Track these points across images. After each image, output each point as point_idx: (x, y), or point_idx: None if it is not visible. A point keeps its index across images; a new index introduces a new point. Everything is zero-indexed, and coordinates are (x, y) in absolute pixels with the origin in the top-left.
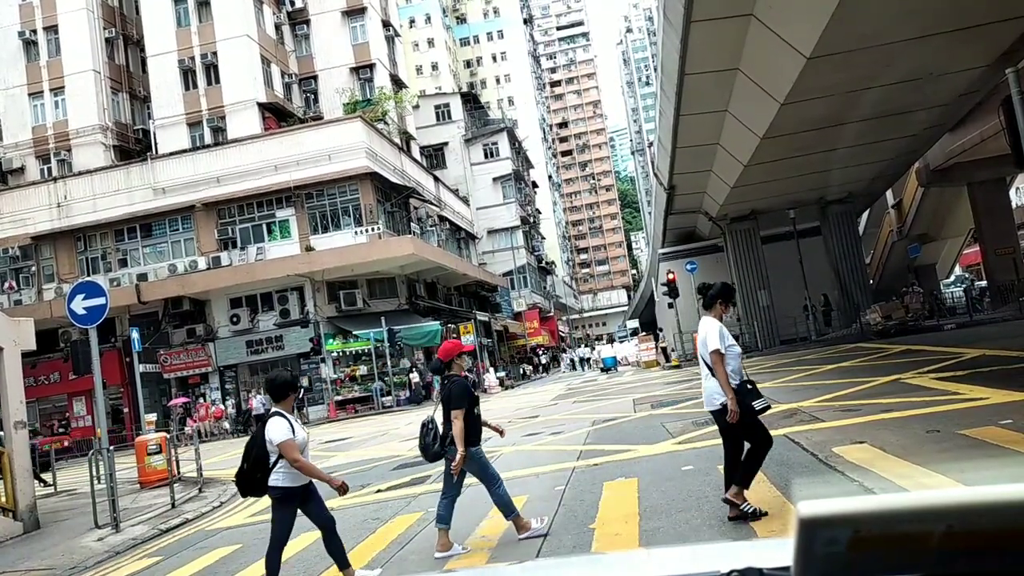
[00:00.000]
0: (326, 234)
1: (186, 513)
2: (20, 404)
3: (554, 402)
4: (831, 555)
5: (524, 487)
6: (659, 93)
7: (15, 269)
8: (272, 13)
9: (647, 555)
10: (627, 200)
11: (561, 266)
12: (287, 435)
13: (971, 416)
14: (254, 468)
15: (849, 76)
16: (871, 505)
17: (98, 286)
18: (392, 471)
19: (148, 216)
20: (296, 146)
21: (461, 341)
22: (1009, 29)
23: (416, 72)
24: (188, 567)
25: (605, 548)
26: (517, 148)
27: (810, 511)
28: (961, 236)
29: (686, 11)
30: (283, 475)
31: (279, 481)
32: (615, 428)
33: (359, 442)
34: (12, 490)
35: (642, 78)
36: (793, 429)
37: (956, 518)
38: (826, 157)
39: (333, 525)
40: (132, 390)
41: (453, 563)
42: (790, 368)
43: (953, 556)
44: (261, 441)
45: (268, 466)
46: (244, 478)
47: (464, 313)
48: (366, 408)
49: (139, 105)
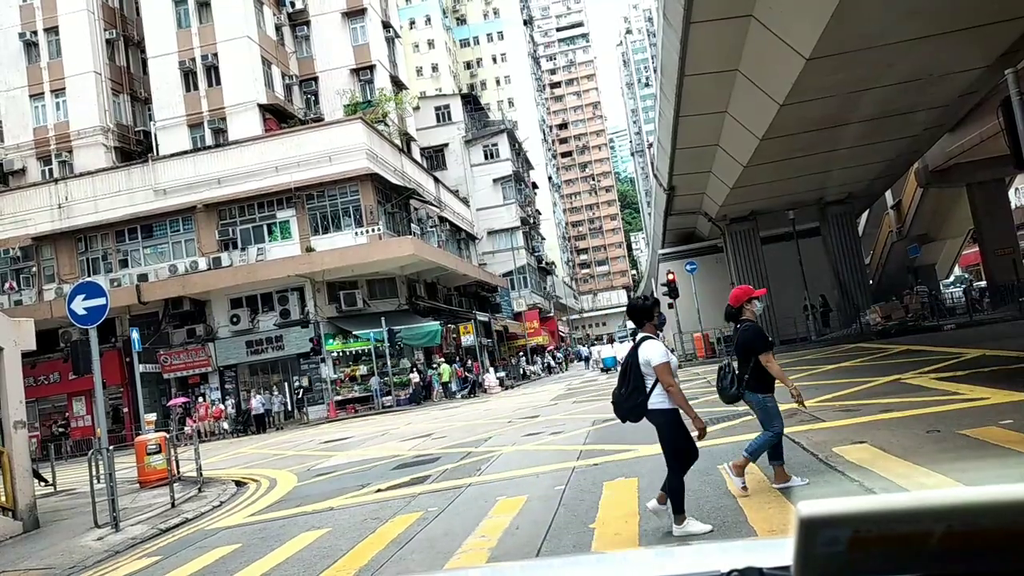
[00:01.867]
0: (326, 235)
1: (185, 513)
2: (20, 404)
3: (554, 402)
4: (831, 555)
5: (524, 487)
6: (659, 94)
7: (16, 270)
8: (272, 14)
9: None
10: (627, 201)
11: (561, 266)
12: (665, 357)
13: (971, 416)
14: (633, 393)
15: (849, 77)
16: (871, 505)
17: (98, 286)
18: (392, 471)
19: (149, 217)
20: (297, 147)
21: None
22: (1009, 29)
23: (416, 73)
24: (188, 567)
25: (605, 548)
26: (517, 149)
27: (810, 511)
28: (960, 236)
29: (686, 12)
30: (666, 396)
31: (663, 403)
32: (615, 428)
33: (359, 442)
34: (12, 489)
35: (642, 79)
36: (793, 429)
37: (956, 518)
38: (826, 158)
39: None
40: (132, 390)
41: (453, 562)
42: (790, 368)
43: (953, 556)
44: (636, 363)
45: (646, 390)
46: (623, 403)
47: (464, 313)
48: (366, 408)
49: (140, 106)
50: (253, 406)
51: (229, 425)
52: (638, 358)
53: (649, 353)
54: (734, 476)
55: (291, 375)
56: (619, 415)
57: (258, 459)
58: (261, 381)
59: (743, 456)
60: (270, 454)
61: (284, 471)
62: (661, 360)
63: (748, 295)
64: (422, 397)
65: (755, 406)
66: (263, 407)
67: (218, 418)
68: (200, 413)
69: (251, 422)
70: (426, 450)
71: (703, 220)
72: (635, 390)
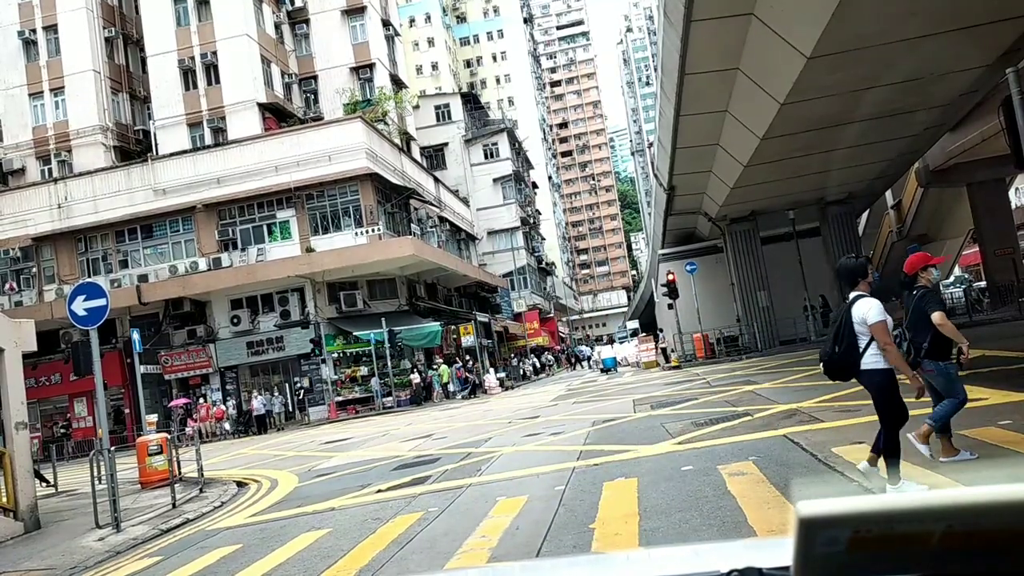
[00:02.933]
0: (326, 235)
1: (187, 513)
2: (21, 405)
3: (554, 403)
4: (830, 555)
5: (524, 487)
6: (659, 93)
7: (16, 270)
8: (272, 12)
9: (647, 555)
10: (627, 201)
11: (561, 267)
12: (882, 315)
13: (971, 416)
14: (847, 352)
15: (849, 76)
16: (870, 505)
17: (99, 287)
18: (392, 471)
19: (149, 217)
20: (296, 147)
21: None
22: (1009, 29)
23: (416, 72)
24: (188, 567)
25: (605, 548)
26: (517, 149)
27: (810, 511)
28: (961, 236)
29: (686, 10)
30: (880, 356)
31: (878, 363)
32: (615, 428)
33: (360, 443)
34: (13, 490)
35: (642, 78)
36: (793, 429)
37: (956, 518)
38: (826, 158)
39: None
40: (133, 391)
41: (454, 562)
42: (790, 368)
43: (953, 556)
44: (848, 321)
45: (859, 348)
46: (834, 363)
47: (464, 314)
48: (367, 409)
49: (139, 105)
50: (254, 407)
51: (230, 426)
52: (851, 316)
53: (865, 311)
54: (919, 444)
55: (292, 376)
56: (829, 374)
57: (259, 460)
58: (262, 382)
59: (926, 424)
60: (271, 455)
61: (285, 472)
62: (878, 318)
63: (925, 262)
64: (423, 398)
65: (936, 373)
66: (264, 408)
67: (219, 419)
68: (201, 414)
69: (252, 423)
70: (426, 451)
71: (703, 220)
72: (849, 347)
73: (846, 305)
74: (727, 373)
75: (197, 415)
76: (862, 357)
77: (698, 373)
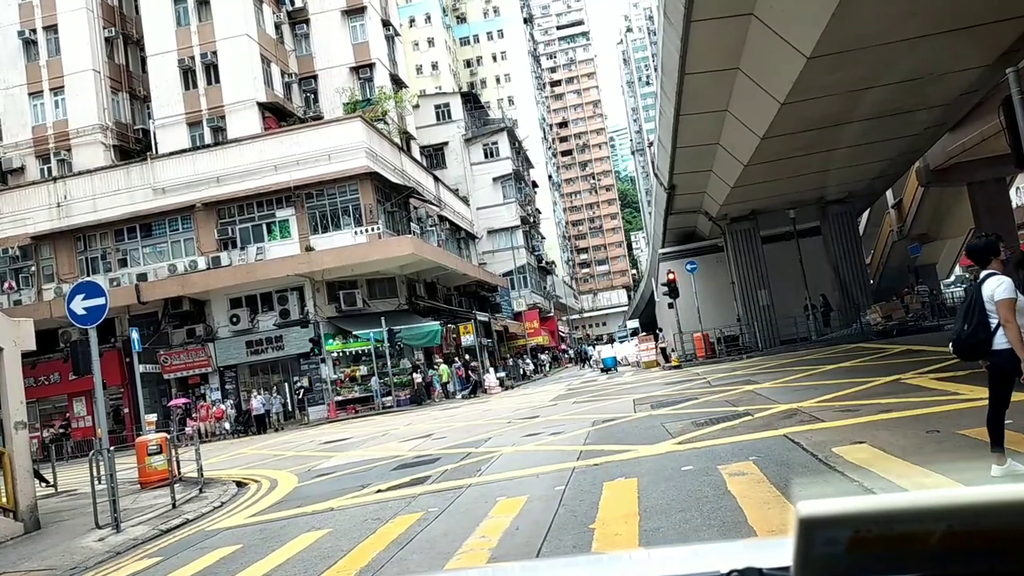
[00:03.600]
0: (326, 234)
1: (186, 513)
2: (20, 404)
3: (554, 402)
4: (831, 555)
5: (524, 487)
6: (659, 93)
7: (15, 269)
8: (272, 12)
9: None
10: (627, 200)
11: (561, 266)
12: (1011, 293)
13: (971, 416)
14: (976, 331)
15: (849, 76)
16: (871, 505)
17: (98, 286)
18: (392, 471)
19: (148, 216)
20: (296, 146)
21: None
22: (1009, 29)
23: (416, 72)
24: (189, 567)
25: (605, 548)
26: (517, 148)
27: (810, 511)
28: (961, 236)
29: (686, 10)
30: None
31: (1007, 343)
32: (615, 428)
33: (359, 442)
34: (13, 490)
35: (642, 78)
36: (793, 429)
37: (956, 518)
38: (826, 157)
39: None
40: (132, 390)
41: (453, 562)
42: (790, 368)
43: (953, 556)
44: (980, 300)
45: (990, 327)
46: (963, 342)
47: (464, 313)
48: (366, 408)
49: (139, 105)
50: (253, 407)
51: (230, 426)
52: (982, 294)
53: (994, 287)
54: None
55: (291, 375)
56: (958, 353)
57: (258, 460)
58: (261, 381)
59: None
60: (270, 455)
61: (285, 472)
62: (1005, 295)
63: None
64: (423, 398)
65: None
66: (263, 407)
67: (219, 419)
68: (201, 414)
69: (251, 423)
70: (426, 451)
71: (703, 219)
72: (979, 326)
73: (977, 283)
74: (727, 373)
75: (196, 415)
76: (994, 336)
77: (698, 373)
